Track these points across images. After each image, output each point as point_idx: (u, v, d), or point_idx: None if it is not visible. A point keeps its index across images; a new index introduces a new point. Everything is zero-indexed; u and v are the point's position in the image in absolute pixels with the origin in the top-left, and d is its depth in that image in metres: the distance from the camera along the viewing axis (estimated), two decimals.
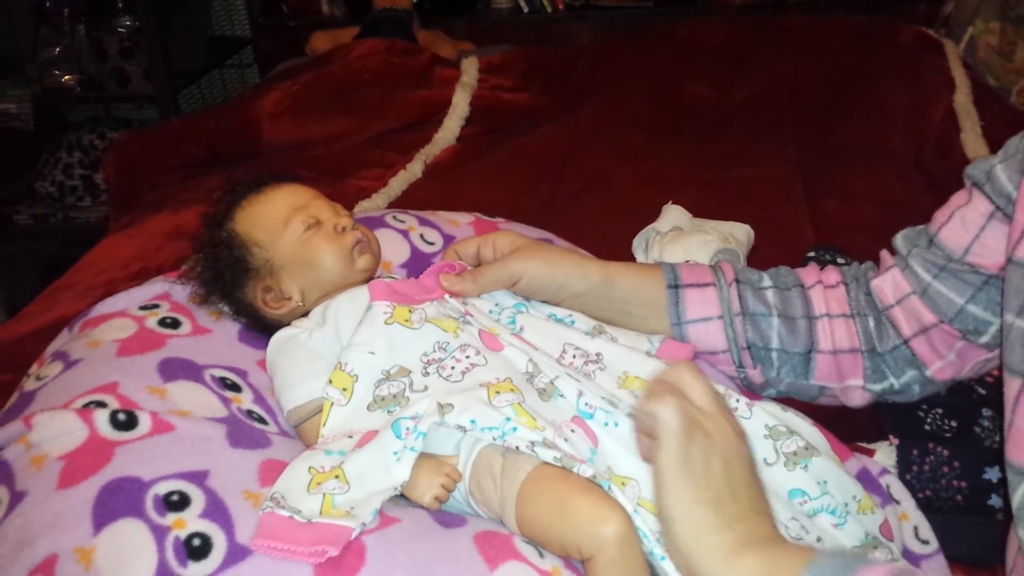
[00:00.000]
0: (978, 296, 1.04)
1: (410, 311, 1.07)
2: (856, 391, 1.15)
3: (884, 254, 1.17)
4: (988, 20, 2.79)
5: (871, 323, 1.13)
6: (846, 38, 2.88)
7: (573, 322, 1.14)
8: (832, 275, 1.17)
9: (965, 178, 1.08)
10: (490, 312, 1.14)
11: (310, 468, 0.92)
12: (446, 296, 1.13)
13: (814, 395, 1.16)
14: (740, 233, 1.86)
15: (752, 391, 1.18)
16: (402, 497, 0.94)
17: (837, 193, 2.16)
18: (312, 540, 0.84)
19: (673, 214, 1.92)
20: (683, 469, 0.81)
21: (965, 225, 1.05)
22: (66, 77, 3.35)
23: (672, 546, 0.82)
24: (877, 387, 1.14)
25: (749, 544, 0.79)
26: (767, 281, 1.16)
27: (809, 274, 1.17)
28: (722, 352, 1.14)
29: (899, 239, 1.14)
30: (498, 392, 0.95)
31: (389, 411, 0.98)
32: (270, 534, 0.85)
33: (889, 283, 1.12)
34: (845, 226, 2.02)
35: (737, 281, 1.15)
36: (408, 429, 0.92)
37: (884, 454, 1.26)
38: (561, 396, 0.99)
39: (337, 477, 0.91)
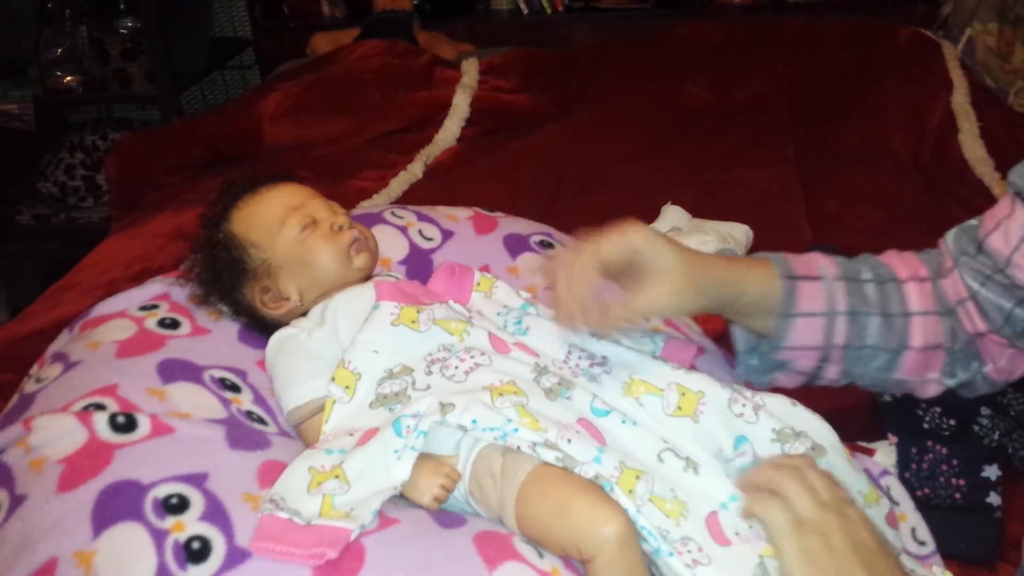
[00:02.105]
0: None
1: (418, 311, 1.07)
2: (932, 384, 1.12)
3: (944, 248, 1.13)
4: (986, 21, 2.79)
5: (951, 319, 1.10)
6: (845, 39, 2.88)
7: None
8: (922, 268, 1.12)
9: (1008, 187, 1.04)
10: (498, 314, 1.14)
11: (310, 468, 0.93)
12: (451, 301, 1.13)
13: (889, 388, 1.13)
14: (739, 233, 1.87)
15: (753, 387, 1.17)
16: (401, 497, 0.94)
17: (836, 193, 2.16)
18: (311, 542, 0.85)
19: (672, 215, 1.92)
20: (804, 560, 0.86)
21: (1007, 238, 1.02)
22: (68, 78, 3.34)
23: None
24: (951, 381, 1.11)
25: None
26: (867, 273, 1.10)
27: (901, 265, 1.12)
28: (810, 349, 1.09)
29: (950, 241, 1.10)
30: (501, 394, 0.95)
31: (390, 409, 0.98)
32: (269, 536, 0.86)
33: (951, 285, 1.09)
34: (844, 226, 2.02)
35: (843, 278, 1.10)
36: (409, 427, 0.92)
37: (884, 454, 1.26)
38: (567, 397, 0.99)
39: (337, 477, 0.91)
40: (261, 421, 1.08)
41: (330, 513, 0.89)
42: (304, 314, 1.15)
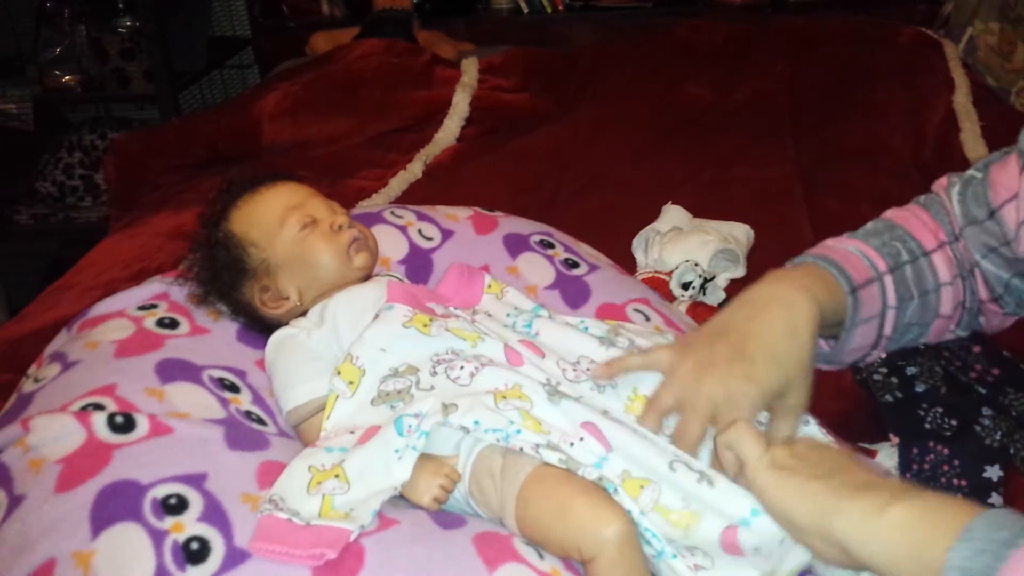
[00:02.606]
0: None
1: (430, 319, 1.06)
2: (948, 335, 1.14)
3: (949, 207, 1.12)
4: (987, 20, 2.79)
5: (971, 279, 1.11)
6: (845, 38, 2.88)
7: (586, 328, 1.12)
8: (940, 231, 1.11)
9: (1019, 155, 1.04)
10: (508, 315, 1.13)
11: (310, 467, 0.92)
12: (452, 308, 1.12)
13: (908, 346, 1.13)
14: (740, 233, 1.87)
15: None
16: (401, 498, 0.94)
17: (836, 193, 2.16)
18: (310, 543, 0.85)
19: (673, 214, 1.92)
20: (773, 469, 0.83)
21: (1018, 211, 1.02)
22: (67, 77, 3.34)
23: (811, 541, 0.81)
24: (964, 332, 1.13)
25: (892, 498, 0.76)
26: (904, 255, 1.08)
27: (924, 233, 1.11)
28: (863, 347, 1.08)
29: (955, 203, 1.09)
30: (505, 397, 0.95)
31: (392, 407, 0.98)
32: (268, 537, 0.85)
33: (963, 249, 1.09)
34: (845, 226, 1.99)
35: (890, 270, 1.08)
36: (411, 427, 0.92)
37: (886, 455, 1.26)
38: (574, 400, 0.97)
39: (337, 476, 0.91)
40: (260, 421, 1.08)
41: (329, 513, 0.88)
42: (303, 314, 1.15)
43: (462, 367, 1.00)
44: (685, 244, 1.76)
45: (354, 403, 1.01)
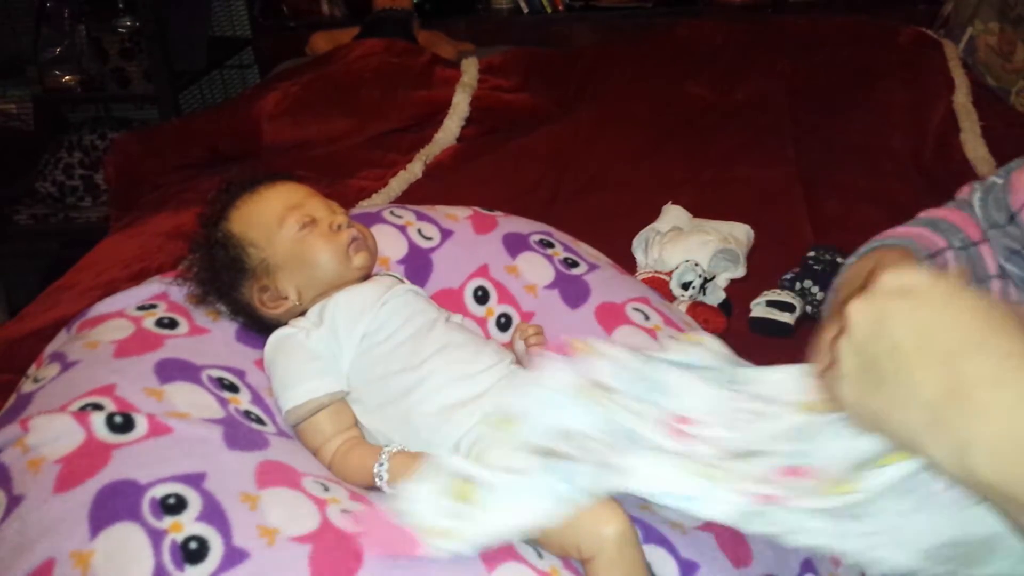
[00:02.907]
0: None
1: (606, 391, 0.91)
2: None
3: (972, 209, 1.10)
4: (987, 20, 2.79)
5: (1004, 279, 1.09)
6: (845, 38, 2.89)
7: (697, 363, 0.95)
8: (978, 228, 1.08)
9: None
10: (633, 382, 0.93)
11: (454, 478, 0.87)
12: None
13: None
14: (740, 233, 1.87)
15: None
16: None
17: (836, 193, 2.17)
18: (386, 535, 0.85)
19: (673, 214, 1.92)
20: (856, 392, 0.70)
21: None
22: (67, 77, 3.34)
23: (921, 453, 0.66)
24: None
25: (967, 437, 0.61)
26: (957, 242, 1.05)
27: (969, 227, 1.07)
28: None
29: (977, 208, 1.07)
30: (687, 465, 0.82)
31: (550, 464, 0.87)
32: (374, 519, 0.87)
33: (988, 254, 1.07)
34: (844, 226, 2.02)
35: (951, 247, 1.05)
36: (567, 477, 0.84)
37: None
38: (758, 454, 0.83)
39: (468, 501, 0.85)
40: (259, 421, 1.07)
41: (442, 532, 0.84)
42: (303, 313, 1.15)
43: (625, 447, 0.87)
44: (685, 244, 1.76)
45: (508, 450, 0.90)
